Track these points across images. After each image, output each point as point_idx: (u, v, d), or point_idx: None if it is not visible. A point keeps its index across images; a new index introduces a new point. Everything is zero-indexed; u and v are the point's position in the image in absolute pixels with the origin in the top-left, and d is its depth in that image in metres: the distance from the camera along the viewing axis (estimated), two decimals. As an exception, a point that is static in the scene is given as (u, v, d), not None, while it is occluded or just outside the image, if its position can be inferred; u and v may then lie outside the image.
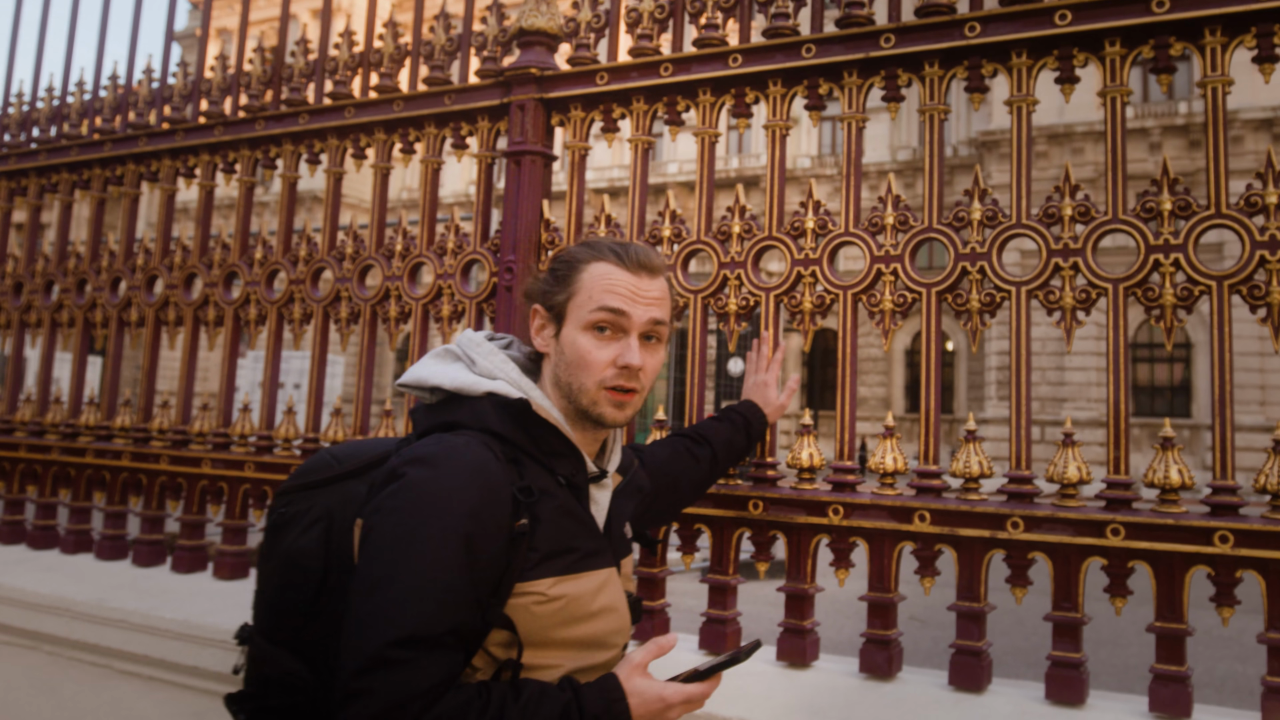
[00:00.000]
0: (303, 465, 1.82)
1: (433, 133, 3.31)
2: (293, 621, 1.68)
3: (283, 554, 1.71)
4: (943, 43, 2.55)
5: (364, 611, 1.41)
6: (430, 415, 1.69)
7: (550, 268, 1.77)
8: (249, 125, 3.65)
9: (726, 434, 2.42)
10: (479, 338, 1.77)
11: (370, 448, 1.80)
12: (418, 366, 1.76)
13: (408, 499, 1.47)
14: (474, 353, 1.74)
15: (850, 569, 2.53)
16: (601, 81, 2.99)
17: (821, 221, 2.67)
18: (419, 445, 1.57)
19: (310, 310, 3.42)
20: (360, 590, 1.44)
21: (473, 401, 1.65)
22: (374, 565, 1.44)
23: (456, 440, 1.56)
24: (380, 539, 1.45)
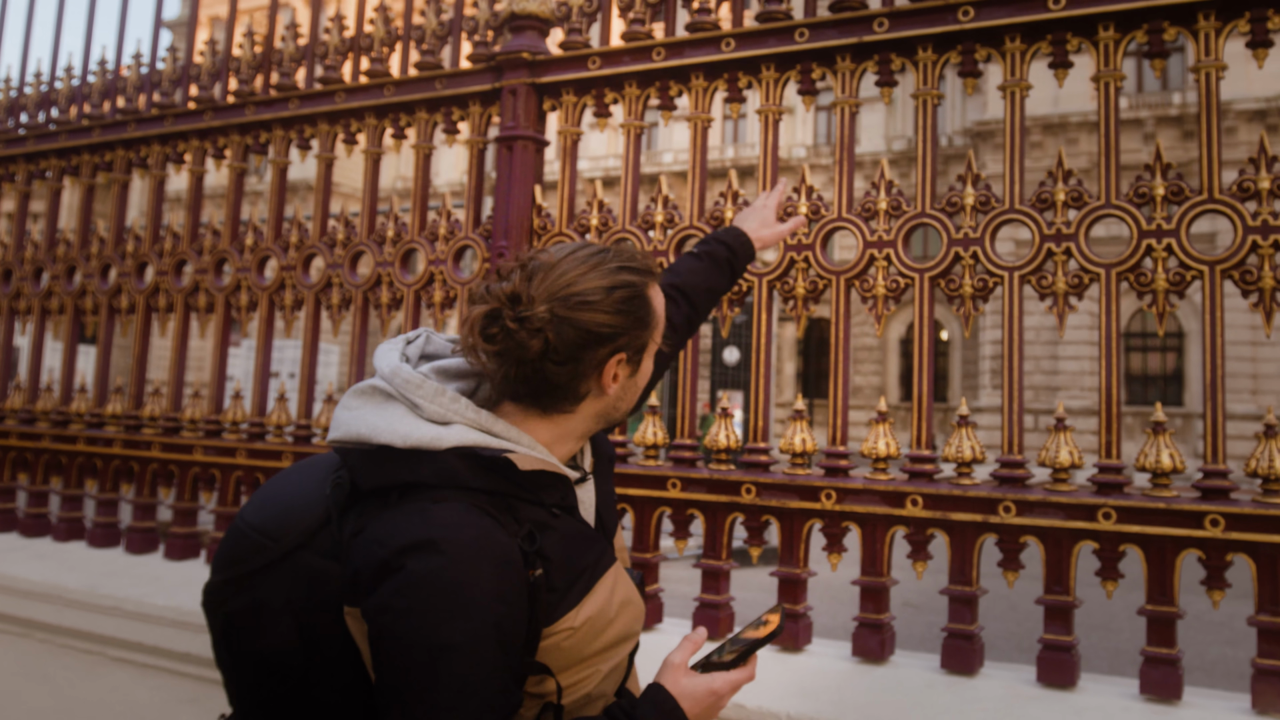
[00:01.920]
0: (226, 551, 1.54)
1: (424, 118, 3.30)
2: (285, 712, 1.52)
3: (251, 655, 1.50)
4: (936, 27, 2.54)
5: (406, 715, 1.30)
6: (378, 470, 1.44)
7: (619, 306, 1.47)
8: (239, 110, 3.63)
9: (705, 279, 2.14)
10: (415, 376, 1.49)
11: (300, 508, 1.52)
12: (349, 415, 1.49)
13: (422, 598, 1.31)
14: (415, 395, 1.47)
15: (843, 554, 2.53)
16: (594, 66, 2.98)
17: (814, 207, 2.66)
18: (401, 525, 1.37)
19: (301, 297, 3.41)
20: (395, 704, 1.31)
21: (433, 457, 1.42)
22: (404, 675, 1.31)
23: (447, 515, 1.37)
24: (403, 647, 1.31)
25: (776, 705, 2.21)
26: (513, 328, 1.39)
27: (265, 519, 1.52)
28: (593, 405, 1.53)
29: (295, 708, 1.49)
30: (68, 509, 3.78)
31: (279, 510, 1.53)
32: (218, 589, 1.53)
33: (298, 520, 1.49)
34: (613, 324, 1.46)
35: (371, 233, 3.33)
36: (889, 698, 2.25)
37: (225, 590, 1.51)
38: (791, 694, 2.26)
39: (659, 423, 2.78)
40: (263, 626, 1.47)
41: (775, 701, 2.22)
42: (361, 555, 1.38)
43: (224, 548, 1.54)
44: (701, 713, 1.50)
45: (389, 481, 1.42)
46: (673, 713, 1.47)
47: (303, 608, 1.45)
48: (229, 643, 1.53)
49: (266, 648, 1.47)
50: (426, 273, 3.18)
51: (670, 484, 2.67)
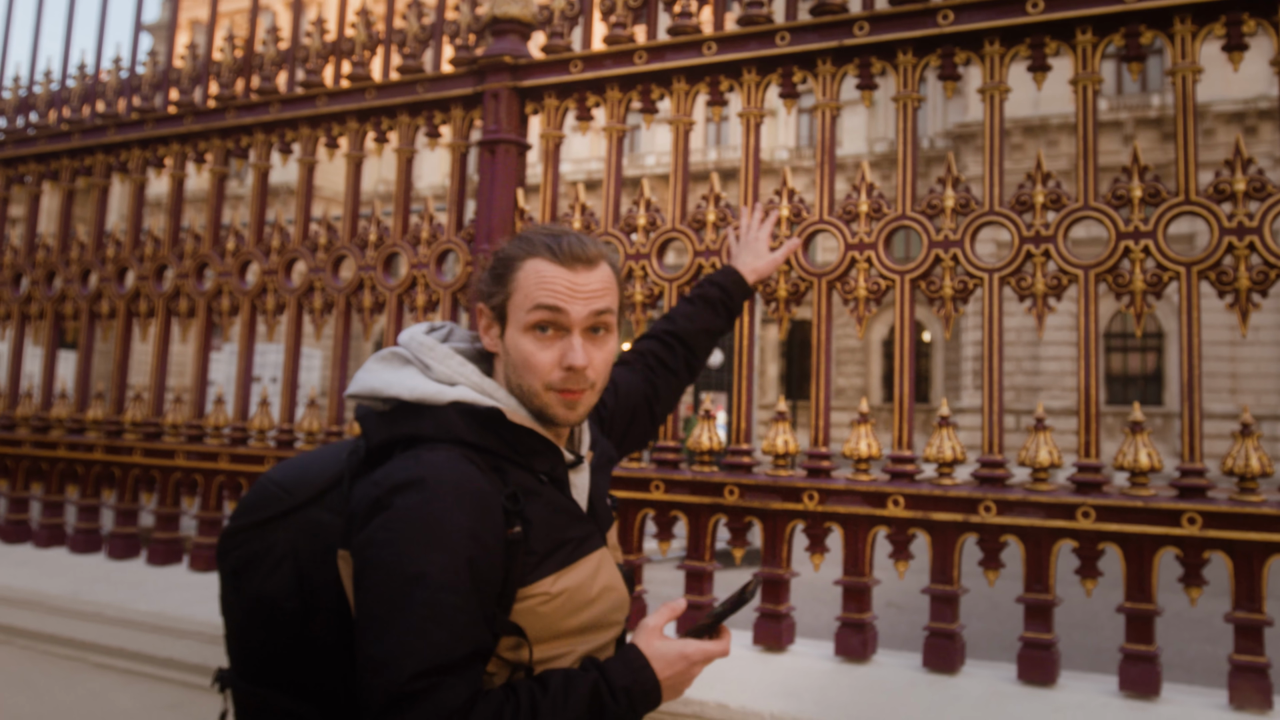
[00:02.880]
0: (246, 500, 1.69)
1: (406, 122, 3.30)
2: (281, 663, 1.61)
3: (252, 598, 1.61)
4: (916, 30, 2.56)
5: (379, 651, 1.37)
6: (386, 426, 1.59)
7: (490, 265, 1.68)
8: (219, 115, 3.62)
9: (703, 322, 2.29)
10: (429, 339, 1.66)
11: (317, 469, 1.68)
12: (366, 374, 1.65)
13: (402, 530, 1.42)
14: (427, 357, 1.64)
15: (825, 554, 2.55)
16: (576, 70, 2.99)
17: (796, 209, 2.68)
18: (396, 468, 1.50)
19: (283, 301, 3.40)
20: (370, 630, 1.39)
21: (436, 411, 1.57)
22: (379, 603, 1.40)
23: (436, 458, 1.50)
24: (380, 574, 1.41)
25: (760, 705, 2.22)
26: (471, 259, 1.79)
27: (286, 476, 1.68)
28: (498, 365, 1.68)
29: (289, 654, 1.60)
30: (49, 515, 3.75)
31: (299, 469, 1.69)
32: (232, 535, 1.67)
33: (314, 478, 1.65)
34: (483, 280, 1.68)
35: (354, 237, 3.33)
36: (871, 697, 2.27)
37: (239, 536, 1.65)
38: (775, 694, 2.27)
39: (642, 425, 2.78)
40: (267, 570, 1.60)
41: (758, 701, 2.23)
42: (358, 497, 1.51)
43: (245, 499, 1.70)
44: (672, 676, 1.54)
45: (395, 435, 1.56)
46: (643, 670, 1.52)
47: (304, 556, 1.59)
48: (232, 587, 1.65)
49: (268, 591, 1.59)
50: (409, 276, 3.18)
51: (654, 486, 2.68)
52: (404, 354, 1.65)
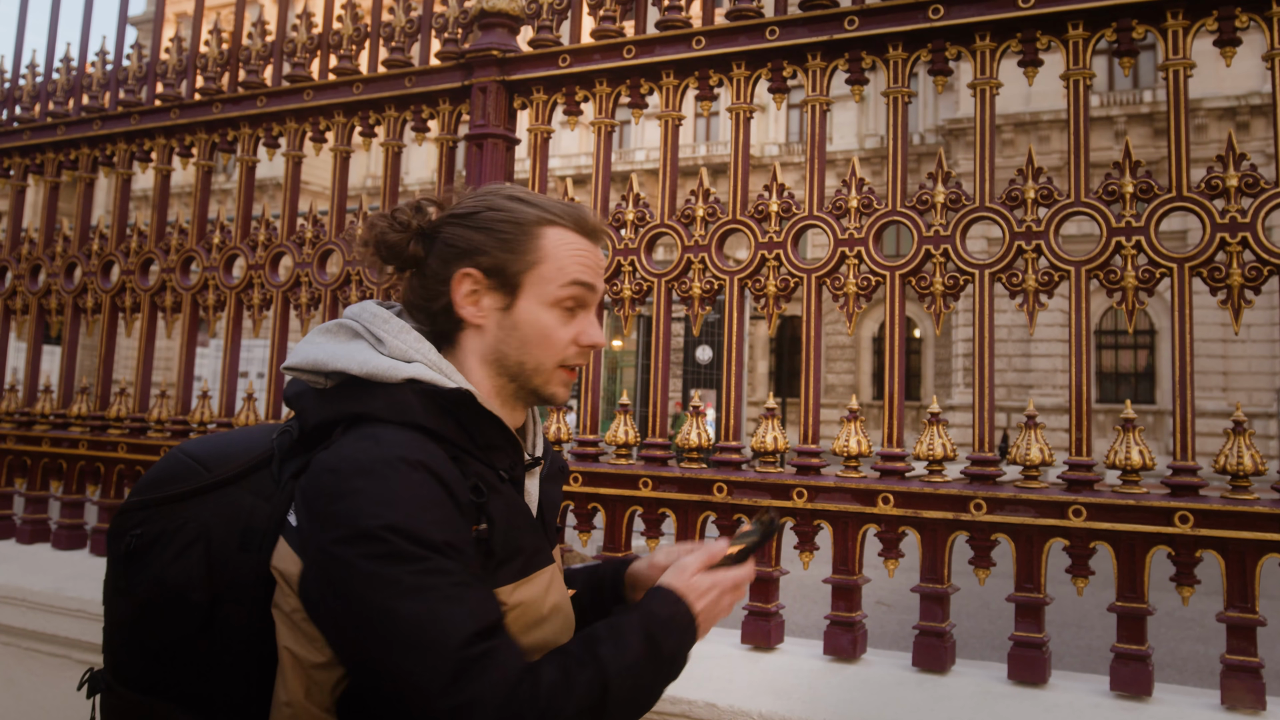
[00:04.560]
0: (154, 472, 1.47)
1: (393, 115, 3.26)
2: (173, 666, 1.39)
3: (149, 584, 1.39)
4: (906, 25, 2.54)
5: (401, 644, 1.21)
6: (327, 404, 1.42)
7: (483, 224, 1.46)
8: (205, 108, 3.58)
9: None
10: (383, 311, 1.48)
11: (242, 447, 1.48)
12: (309, 346, 1.47)
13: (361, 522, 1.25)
14: (380, 330, 1.45)
15: (815, 552, 2.53)
16: (564, 64, 2.96)
17: (785, 205, 2.66)
18: (350, 448, 1.32)
19: (270, 295, 3.37)
20: (373, 629, 1.22)
21: (389, 390, 1.39)
22: (373, 593, 1.23)
23: (401, 437, 1.33)
24: (372, 564, 1.24)
25: (748, 704, 2.20)
26: (401, 219, 1.47)
27: (204, 450, 1.49)
28: (473, 342, 1.49)
29: (183, 656, 1.39)
30: (32, 511, 3.72)
31: (220, 445, 1.50)
32: (133, 510, 1.45)
33: (237, 455, 1.46)
34: (470, 239, 1.45)
35: (340, 231, 3.30)
36: (860, 696, 2.25)
37: (140, 513, 1.43)
38: (763, 692, 2.25)
39: (630, 421, 2.76)
40: (172, 555, 1.39)
41: (747, 700, 2.21)
42: (310, 484, 1.33)
43: (152, 472, 1.49)
44: (707, 607, 1.46)
45: (337, 414, 1.39)
46: (678, 604, 1.43)
47: (219, 541, 1.38)
48: (124, 570, 1.43)
49: (170, 579, 1.38)
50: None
51: (642, 483, 2.66)
52: (353, 326, 1.47)
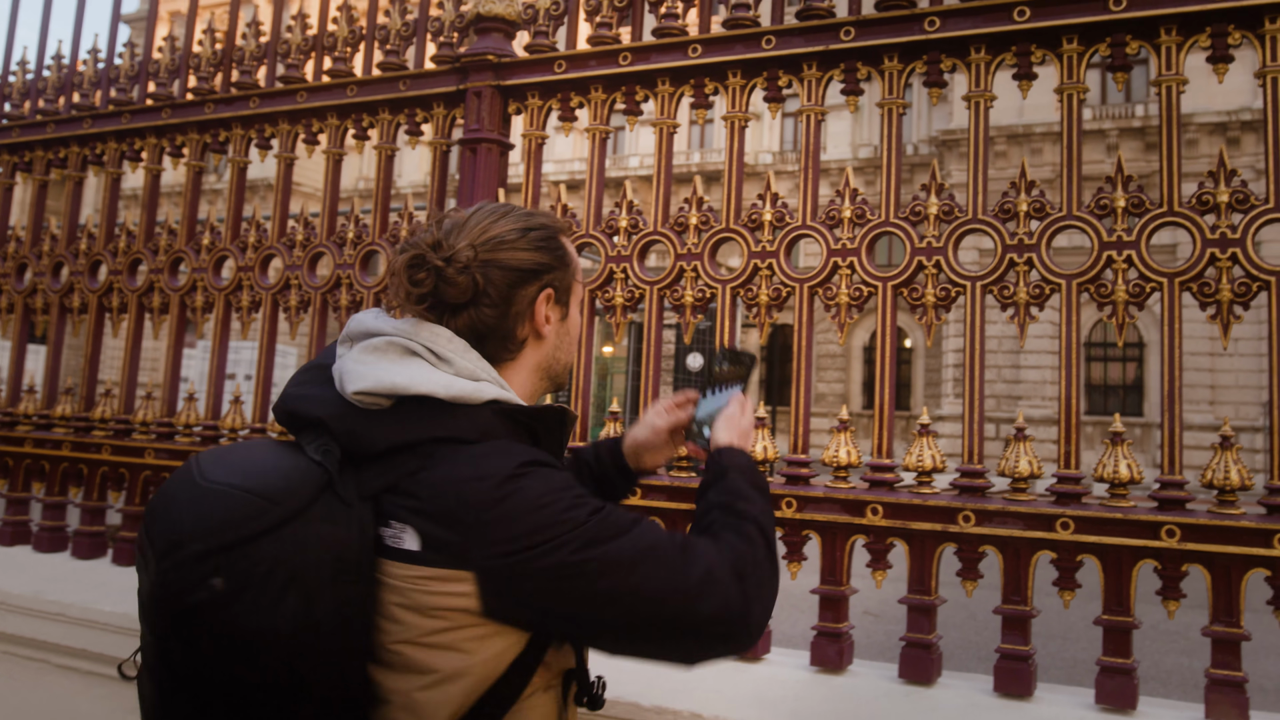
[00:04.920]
0: (212, 513, 1.29)
1: (387, 119, 3.26)
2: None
3: (231, 648, 1.26)
4: (902, 36, 2.55)
5: (679, 595, 1.35)
6: (398, 426, 1.37)
7: (537, 244, 1.50)
8: (198, 108, 3.57)
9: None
10: (442, 330, 1.44)
11: (284, 473, 1.35)
12: (370, 368, 1.39)
13: (556, 495, 1.34)
14: (444, 349, 1.42)
15: (803, 563, 2.52)
16: (559, 69, 2.95)
17: (779, 214, 2.66)
18: (486, 462, 1.33)
19: (259, 298, 3.35)
20: (638, 598, 1.33)
21: (472, 412, 1.39)
22: (625, 568, 1.33)
23: (523, 450, 1.38)
24: (595, 548, 1.32)
25: (733, 714, 2.19)
26: (440, 265, 1.41)
27: (252, 481, 1.32)
28: (533, 354, 1.54)
29: (268, 707, 1.29)
30: (13, 513, 3.68)
31: (260, 472, 1.34)
32: (197, 561, 1.25)
33: (295, 486, 1.32)
34: (535, 260, 1.49)
35: (331, 234, 3.28)
36: (846, 707, 2.24)
37: (208, 562, 1.25)
38: (749, 703, 2.24)
39: (620, 429, 2.75)
40: (257, 603, 1.25)
41: (733, 711, 2.20)
42: (454, 498, 1.31)
43: (196, 512, 1.29)
44: (742, 435, 1.75)
45: (417, 437, 1.36)
46: (746, 454, 1.71)
47: (310, 578, 1.27)
48: (194, 633, 1.27)
49: (257, 630, 1.25)
50: (386, 275, 3.14)
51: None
52: (406, 344, 1.41)
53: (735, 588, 1.38)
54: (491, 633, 1.33)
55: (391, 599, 1.32)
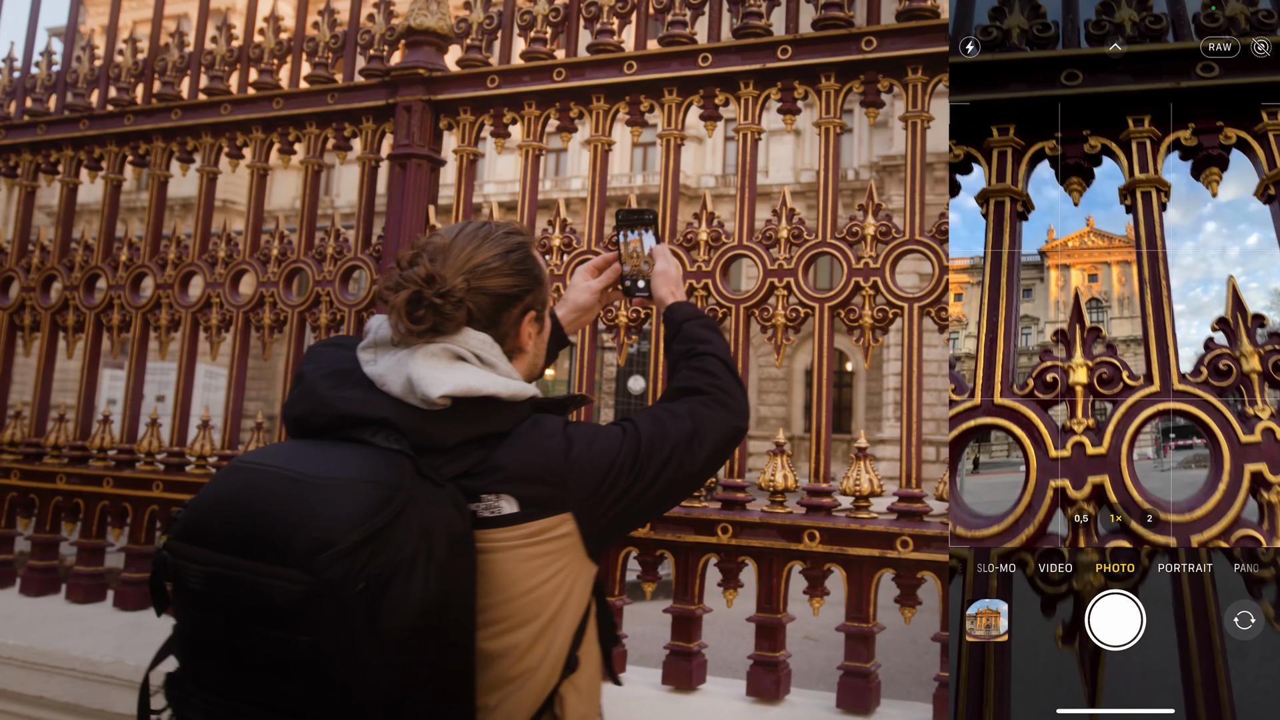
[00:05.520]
0: (358, 503, 1.35)
1: (314, 133, 3.16)
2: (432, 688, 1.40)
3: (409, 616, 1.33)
4: (839, 56, 2.52)
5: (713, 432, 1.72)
6: (466, 424, 1.50)
7: (517, 268, 1.62)
8: (117, 119, 3.44)
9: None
10: (486, 337, 1.57)
11: (385, 465, 1.42)
12: (452, 374, 1.49)
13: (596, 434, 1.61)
14: (489, 355, 1.57)
15: (739, 589, 2.46)
16: (492, 85, 2.89)
17: (715, 234, 2.61)
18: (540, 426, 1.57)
19: (179, 316, 3.22)
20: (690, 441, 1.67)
21: (517, 408, 1.57)
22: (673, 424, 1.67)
23: (540, 417, 1.60)
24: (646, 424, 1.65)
25: (668, 750, 2.11)
26: (438, 303, 1.49)
27: (365, 471, 1.39)
28: (519, 364, 1.68)
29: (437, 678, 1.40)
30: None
31: (359, 464, 1.41)
32: (352, 553, 1.31)
33: (397, 470, 1.41)
34: (517, 284, 1.62)
35: (255, 251, 3.17)
36: (784, 740, 2.18)
37: (362, 552, 1.31)
38: (684, 737, 2.17)
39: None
40: (406, 587, 1.33)
41: (667, 746, 2.13)
42: (544, 453, 1.53)
43: (332, 507, 1.34)
44: (676, 285, 1.98)
45: (485, 431, 1.52)
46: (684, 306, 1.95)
47: (438, 556, 1.38)
48: (379, 611, 1.31)
49: (406, 613, 1.32)
50: (312, 293, 3.04)
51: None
52: (456, 350, 1.53)
53: (727, 426, 1.75)
54: (581, 568, 1.57)
55: (494, 562, 1.48)
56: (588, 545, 1.57)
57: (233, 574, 1.34)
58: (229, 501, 1.40)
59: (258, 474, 1.42)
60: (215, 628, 1.38)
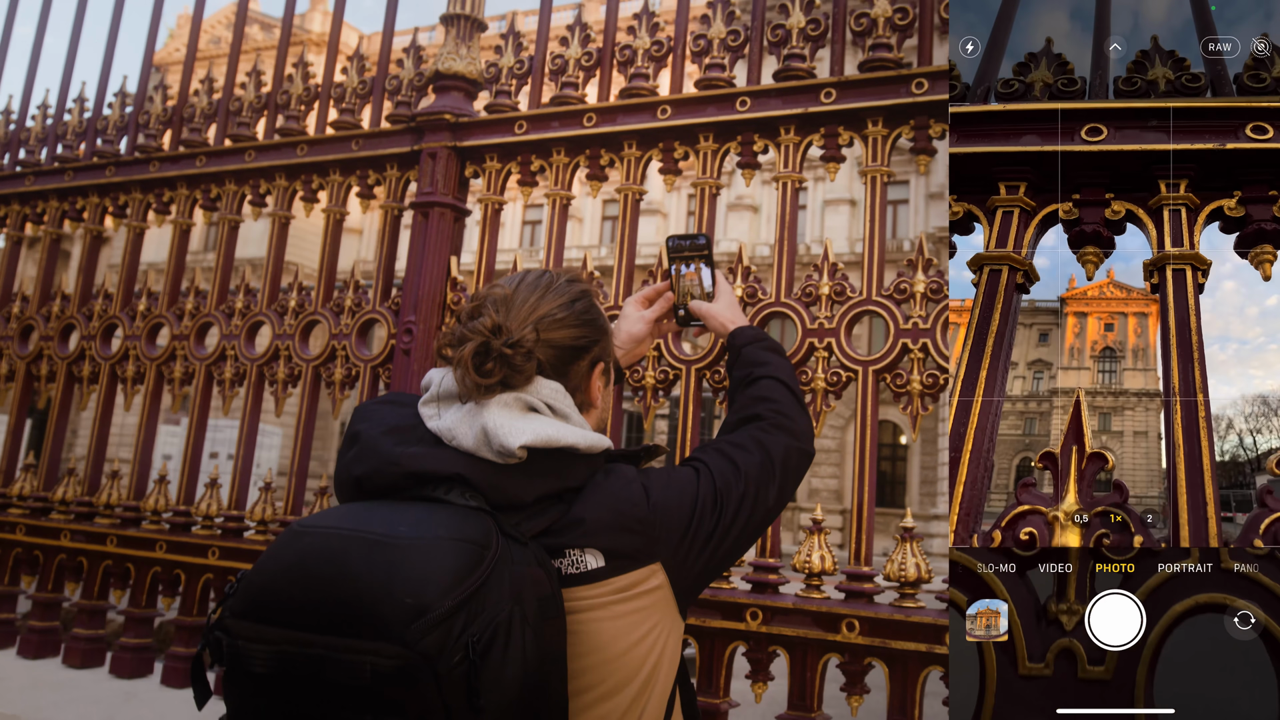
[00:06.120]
0: (448, 564, 1.21)
1: (338, 180, 3.04)
2: None
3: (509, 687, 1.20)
4: (886, 100, 2.34)
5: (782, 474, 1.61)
6: (544, 479, 1.39)
7: (582, 318, 1.52)
8: (142, 166, 3.36)
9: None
10: (558, 387, 1.46)
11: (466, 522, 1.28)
12: (531, 425, 1.38)
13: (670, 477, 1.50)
14: (563, 405, 1.45)
15: (769, 682, 2.22)
16: (520, 130, 2.74)
17: (750, 290, 2.42)
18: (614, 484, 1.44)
19: (193, 369, 3.09)
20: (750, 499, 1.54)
21: (592, 460, 1.45)
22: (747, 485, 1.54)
23: (613, 466, 1.49)
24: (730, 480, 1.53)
25: None
26: (508, 354, 1.39)
27: (449, 529, 1.25)
28: (590, 420, 1.55)
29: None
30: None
31: (440, 522, 1.26)
32: (448, 619, 1.16)
33: (480, 528, 1.27)
34: (584, 335, 1.51)
35: (273, 302, 3.04)
36: None
37: (458, 618, 1.17)
38: None
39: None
40: (505, 653, 1.20)
41: None
42: (629, 505, 1.42)
43: (420, 570, 1.18)
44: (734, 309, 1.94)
45: (564, 486, 1.41)
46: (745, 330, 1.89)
47: (532, 618, 1.24)
48: (481, 680, 1.17)
49: (512, 679, 1.19)
50: (328, 347, 2.88)
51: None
52: (530, 401, 1.42)
53: (790, 452, 1.64)
54: (672, 626, 1.45)
55: (583, 623, 1.36)
56: (679, 599, 1.46)
57: (309, 652, 1.15)
58: (298, 570, 1.21)
59: (330, 538, 1.23)
60: (286, 717, 1.18)
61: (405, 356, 2.68)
